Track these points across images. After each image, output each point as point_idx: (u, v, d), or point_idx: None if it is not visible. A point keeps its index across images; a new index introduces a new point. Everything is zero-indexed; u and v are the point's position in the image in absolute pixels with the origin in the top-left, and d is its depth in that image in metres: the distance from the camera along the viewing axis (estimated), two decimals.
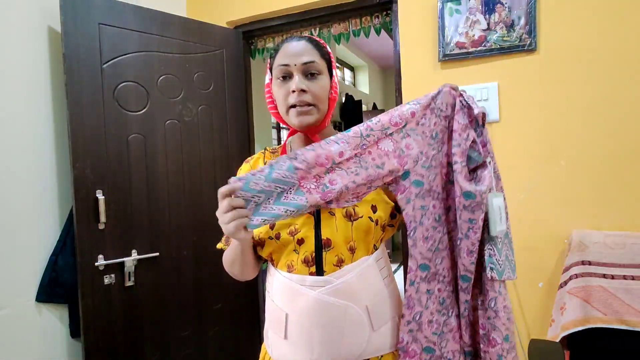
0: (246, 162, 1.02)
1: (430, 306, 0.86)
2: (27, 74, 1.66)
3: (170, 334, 1.94)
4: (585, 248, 1.48)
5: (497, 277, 0.83)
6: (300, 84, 0.86)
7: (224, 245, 1.00)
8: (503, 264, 0.84)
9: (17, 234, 1.61)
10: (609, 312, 1.38)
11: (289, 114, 0.88)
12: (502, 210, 0.85)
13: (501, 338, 0.84)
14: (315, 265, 0.86)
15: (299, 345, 0.86)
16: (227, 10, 2.26)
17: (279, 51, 0.90)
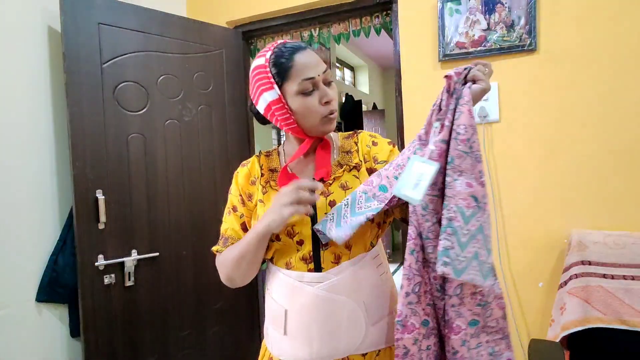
0: (242, 165, 1.02)
1: (425, 276, 0.82)
2: (27, 74, 1.66)
3: (170, 333, 1.94)
4: (585, 248, 1.48)
5: (454, 275, 0.73)
6: (331, 95, 0.89)
7: (222, 247, 0.98)
8: (466, 261, 0.74)
9: (17, 234, 1.61)
10: (608, 312, 1.38)
11: (322, 123, 0.89)
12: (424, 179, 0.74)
13: (466, 324, 0.80)
14: (313, 262, 0.88)
15: (299, 340, 0.87)
16: (227, 10, 2.26)
17: (293, 65, 0.86)
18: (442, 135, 0.77)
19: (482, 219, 0.75)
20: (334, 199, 0.89)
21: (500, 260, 1.72)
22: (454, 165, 0.76)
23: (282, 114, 0.88)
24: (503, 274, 1.71)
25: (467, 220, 0.75)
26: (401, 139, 1.91)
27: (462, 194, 0.75)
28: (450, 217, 0.75)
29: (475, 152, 0.76)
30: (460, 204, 0.74)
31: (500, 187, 1.72)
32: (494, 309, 0.80)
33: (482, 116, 1.72)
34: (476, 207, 0.75)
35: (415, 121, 1.86)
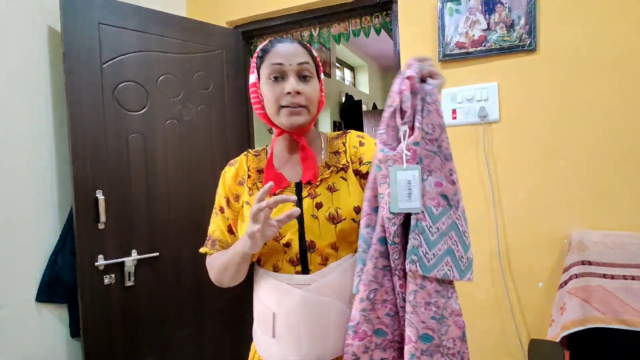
0: (230, 165, 1.02)
1: (386, 284, 0.81)
2: (27, 74, 1.66)
3: (169, 333, 1.94)
4: (585, 248, 1.48)
5: (422, 271, 0.74)
6: (296, 86, 0.86)
7: (210, 249, 1.00)
8: (436, 258, 0.74)
9: (17, 234, 1.61)
10: (608, 312, 1.38)
11: (279, 114, 0.88)
12: (414, 186, 0.75)
13: (416, 336, 0.76)
14: (300, 264, 0.88)
15: (287, 343, 0.87)
16: (227, 10, 2.26)
17: (270, 51, 0.89)
18: (414, 138, 0.76)
19: (454, 217, 0.76)
20: (320, 201, 0.89)
21: (500, 260, 1.72)
22: (423, 165, 0.76)
23: (254, 97, 0.92)
24: (503, 274, 1.71)
25: (436, 219, 0.75)
26: None
27: (431, 193, 0.75)
28: (419, 217, 0.75)
29: (444, 150, 0.76)
30: (429, 204, 0.75)
31: (500, 187, 1.72)
32: (451, 327, 0.76)
33: (482, 116, 1.72)
34: (446, 205, 0.76)
35: None
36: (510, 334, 1.72)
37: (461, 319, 0.77)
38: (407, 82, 0.77)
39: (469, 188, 1.78)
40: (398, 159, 0.77)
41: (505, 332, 1.73)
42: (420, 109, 0.77)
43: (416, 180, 0.75)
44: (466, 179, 1.78)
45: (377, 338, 0.81)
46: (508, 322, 1.72)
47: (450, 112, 1.79)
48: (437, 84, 0.77)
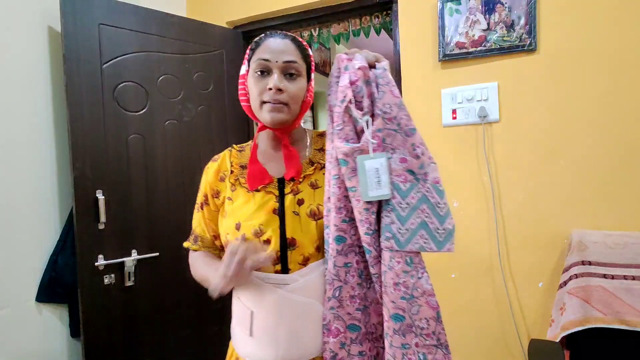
0: (213, 160, 1.02)
1: (350, 280, 0.82)
2: (27, 74, 1.66)
3: (170, 333, 1.94)
4: (585, 248, 1.48)
5: (397, 246, 0.75)
6: (279, 83, 0.85)
7: (193, 245, 1.02)
8: (410, 232, 0.75)
9: (17, 234, 1.61)
10: (609, 312, 1.38)
11: (261, 109, 0.88)
12: (382, 173, 0.77)
13: (388, 315, 0.78)
14: (280, 263, 0.87)
15: (265, 342, 0.87)
16: (227, 10, 2.26)
17: (261, 45, 0.88)
18: (377, 125, 0.78)
19: (423, 189, 0.77)
20: (302, 197, 0.89)
21: (500, 260, 1.72)
22: (386, 144, 0.77)
23: (242, 89, 0.92)
24: (503, 274, 1.71)
25: (405, 194, 0.76)
26: None
27: (397, 170, 0.77)
28: (389, 197, 0.77)
29: (404, 127, 0.77)
30: (396, 181, 0.76)
31: (500, 187, 1.72)
32: (423, 307, 0.76)
33: (482, 116, 1.72)
34: (414, 180, 0.77)
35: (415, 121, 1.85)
36: (510, 334, 1.71)
37: (434, 299, 0.77)
38: (360, 73, 0.79)
39: (469, 188, 1.78)
40: (364, 149, 0.78)
41: (505, 332, 1.73)
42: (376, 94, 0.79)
43: (384, 168, 0.76)
44: (466, 179, 1.78)
45: (351, 333, 0.83)
46: (508, 322, 1.72)
47: (450, 112, 1.79)
48: (385, 65, 0.79)
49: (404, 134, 0.77)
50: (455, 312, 1.81)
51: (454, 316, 1.82)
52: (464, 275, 1.80)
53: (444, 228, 0.76)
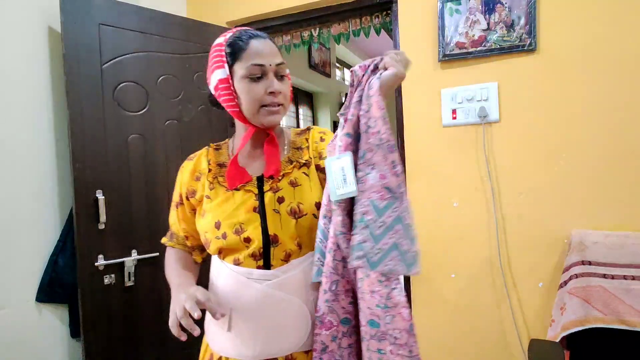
0: (189, 159, 1.02)
1: (347, 274, 0.82)
2: (27, 74, 1.66)
3: (170, 333, 1.94)
4: (585, 248, 1.48)
5: (369, 267, 0.74)
6: (278, 86, 0.87)
7: (169, 241, 1.05)
8: (382, 252, 0.73)
9: (17, 234, 1.61)
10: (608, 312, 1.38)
11: (259, 113, 0.88)
12: (347, 172, 0.76)
13: (365, 320, 0.78)
14: (262, 259, 0.88)
15: (243, 337, 0.87)
16: (227, 10, 2.26)
17: (246, 49, 0.86)
18: (347, 129, 0.78)
19: (399, 209, 0.74)
20: (282, 195, 0.90)
21: (501, 260, 1.72)
22: (366, 159, 0.76)
23: (227, 94, 0.88)
24: (503, 274, 1.71)
25: (381, 212, 0.74)
26: (401, 138, 1.91)
27: (375, 187, 0.75)
28: (363, 211, 0.75)
29: (385, 143, 0.75)
30: (373, 197, 0.75)
31: (500, 187, 1.72)
32: (396, 317, 0.76)
33: (482, 116, 1.72)
34: (391, 197, 0.74)
35: (415, 121, 1.86)
36: (510, 334, 1.71)
37: (407, 311, 0.76)
38: (351, 75, 0.79)
39: (469, 188, 1.78)
40: (332, 150, 0.80)
41: (505, 332, 1.73)
42: (357, 101, 0.77)
43: (349, 166, 0.76)
44: (466, 179, 1.78)
45: (343, 327, 0.83)
46: (508, 322, 1.72)
47: (450, 112, 1.79)
48: (388, 74, 0.75)
49: (386, 150, 0.75)
50: (455, 312, 1.81)
51: (454, 316, 1.82)
52: (464, 275, 1.80)
53: (414, 251, 0.74)
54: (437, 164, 1.83)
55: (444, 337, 1.84)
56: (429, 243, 1.86)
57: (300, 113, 4.22)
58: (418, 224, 2.01)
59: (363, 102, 0.76)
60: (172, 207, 1.03)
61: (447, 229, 1.82)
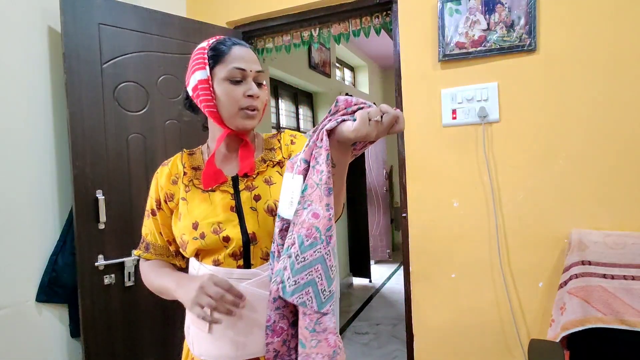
0: (163, 165, 1.02)
1: None
2: (27, 74, 1.66)
3: (170, 333, 1.94)
4: (585, 248, 1.48)
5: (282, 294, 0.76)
6: (257, 91, 0.90)
7: (144, 253, 1.02)
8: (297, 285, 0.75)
9: (17, 234, 1.61)
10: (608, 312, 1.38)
11: (237, 116, 0.90)
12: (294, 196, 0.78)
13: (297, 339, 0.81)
14: (242, 258, 0.88)
15: (224, 338, 0.87)
16: (227, 10, 2.26)
17: (229, 53, 0.90)
18: (305, 155, 0.77)
19: (323, 251, 0.75)
20: (258, 193, 0.91)
21: (501, 260, 1.72)
22: (306, 194, 0.76)
23: (205, 94, 0.90)
24: (503, 274, 1.72)
25: (305, 249, 0.75)
26: (401, 138, 1.91)
27: (306, 223, 0.75)
28: (290, 242, 0.76)
29: (324, 185, 0.74)
30: (302, 233, 0.75)
31: (500, 187, 1.72)
32: (321, 342, 0.76)
33: (482, 116, 1.72)
34: (317, 237, 0.75)
35: (415, 121, 1.86)
36: (510, 334, 1.72)
37: (334, 338, 0.76)
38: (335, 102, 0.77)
39: (469, 188, 1.78)
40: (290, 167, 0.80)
41: (505, 332, 1.73)
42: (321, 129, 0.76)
43: (297, 191, 0.77)
44: (466, 179, 1.78)
45: (292, 329, 0.84)
46: (508, 322, 1.72)
47: (450, 112, 1.79)
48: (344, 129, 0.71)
49: (323, 192, 0.74)
50: (455, 312, 1.81)
51: (453, 316, 1.82)
52: (464, 275, 1.80)
53: (330, 290, 0.76)
54: (437, 164, 1.83)
55: (444, 337, 1.84)
56: (429, 243, 1.86)
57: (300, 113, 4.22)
58: (418, 224, 2.01)
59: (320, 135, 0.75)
60: (145, 217, 1.02)
61: (447, 229, 1.82)
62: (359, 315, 3.72)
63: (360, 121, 0.68)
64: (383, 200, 5.42)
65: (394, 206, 5.90)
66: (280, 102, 3.84)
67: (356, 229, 4.72)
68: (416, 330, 1.89)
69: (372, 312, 3.79)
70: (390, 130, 0.70)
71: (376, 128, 0.68)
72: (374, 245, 5.32)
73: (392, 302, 4.04)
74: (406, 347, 1.96)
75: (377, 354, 2.94)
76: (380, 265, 5.47)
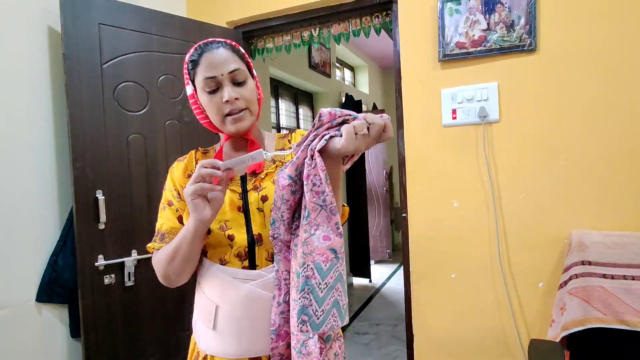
0: (179, 161, 1.03)
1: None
2: (27, 74, 1.66)
3: (170, 333, 1.94)
4: (585, 248, 1.48)
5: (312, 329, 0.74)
6: (233, 94, 0.87)
7: (159, 244, 0.97)
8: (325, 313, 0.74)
9: (17, 234, 1.61)
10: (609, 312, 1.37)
11: (225, 123, 0.90)
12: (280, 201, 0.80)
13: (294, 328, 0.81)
14: (248, 259, 0.89)
15: (228, 336, 0.88)
16: (227, 10, 2.26)
17: (200, 63, 0.89)
18: (290, 170, 0.76)
19: (340, 268, 0.75)
20: (266, 194, 0.91)
21: (501, 260, 1.72)
22: (310, 219, 0.75)
23: (195, 108, 0.93)
24: (503, 274, 1.71)
25: (325, 274, 0.75)
26: (401, 138, 1.91)
27: (319, 249, 0.74)
28: (307, 275, 0.74)
29: (329, 205, 0.74)
30: (317, 260, 0.74)
31: (500, 187, 1.72)
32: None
33: (482, 116, 1.72)
34: (334, 258, 0.75)
35: (415, 121, 1.86)
36: (510, 334, 1.72)
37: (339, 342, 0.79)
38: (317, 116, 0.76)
39: (469, 188, 1.78)
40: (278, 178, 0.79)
41: (505, 332, 1.73)
42: (309, 144, 0.74)
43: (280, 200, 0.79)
44: (466, 179, 1.78)
45: None
46: (508, 322, 1.72)
47: (450, 112, 1.79)
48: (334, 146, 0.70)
49: (329, 212, 0.74)
50: (455, 312, 1.81)
51: (454, 316, 1.82)
52: (464, 276, 1.80)
53: (345, 303, 0.77)
54: (437, 164, 1.83)
55: (444, 337, 1.84)
56: (429, 243, 1.86)
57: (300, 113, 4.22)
58: (418, 224, 2.01)
59: (309, 154, 0.73)
60: (161, 210, 1.00)
61: (447, 229, 1.82)
62: (359, 315, 3.72)
63: (347, 137, 0.67)
64: (383, 201, 5.42)
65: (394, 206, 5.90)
66: (280, 102, 3.84)
67: (356, 229, 4.73)
68: (416, 331, 1.89)
69: (372, 312, 3.79)
70: (378, 140, 0.69)
71: (364, 141, 0.68)
72: (374, 246, 5.32)
73: (392, 302, 4.04)
74: (406, 347, 1.96)
75: (377, 354, 2.94)
76: (380, 265, 5.47)
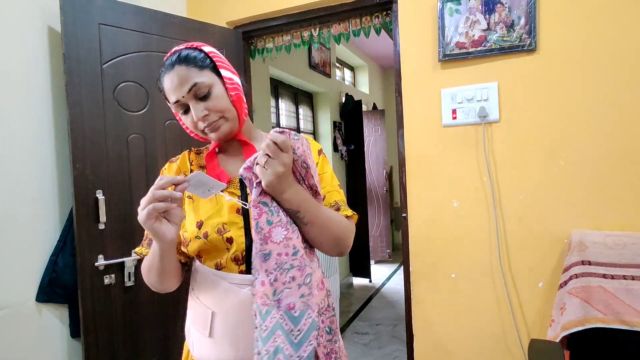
0: (171, 162, 1.02)
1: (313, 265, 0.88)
2: (27, 74, 1.66)
3: (170, 334, 1.94)
4: (585, 248, 1.48)
5: None
6: (199, 112, 0.88)
7: (145, 248, 0.99)
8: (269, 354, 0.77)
9: (17, 234, 1.61)
10: (609, 312, 1.38)
11: (206, 134, 0.92)
12: None
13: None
14: (245, 264, 0.87)
15: (224, 343, 0.86)
16: (227, 10, 2.26)
17: (163, 89, 0.92)
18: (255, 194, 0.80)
19: (277, 316, 0.78)
20: None
21: (501, 260, 1.72)
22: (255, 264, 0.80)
23: (182, 123, 0.96)
24: (503, 274, 1.71)
25: (264, 317, 0.78)
26: (401, 138, 1.91)
27: (259, 292, 0.79)
28: (254, 313, 0.79)
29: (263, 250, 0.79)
30: (258, 302, 0.79)
31: (500, 187, 1.72)
32: None
33: (482, 116, 1.72)
34: (269, 304, 0.78)
35: (415, 121, 1.86)
36: (510, 334, 1.72)
37: None
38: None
39: (469, 188, 1.78)
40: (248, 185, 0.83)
41: (505, 332, 1.73)
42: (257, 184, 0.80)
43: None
44: (466, 179, 1.78)
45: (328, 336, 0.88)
46: (508, 322, 1.72)
47: (450, 112, 1.79)
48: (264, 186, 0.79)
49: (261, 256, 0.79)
50: (455, 312, 1.81)
51: (454, 316, 1.82)
52: (464, 275, 1.80)
53: (299, 356, 0.76)
54: (437, 164, 1.83)
55: (444, 337, 1.84)
56: (429, 243, 1.86)
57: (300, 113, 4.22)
58: (418, 223, 2.00)
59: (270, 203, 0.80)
60: None
61: (447, 229, 1.82)
62: (359, 315, 3.72)
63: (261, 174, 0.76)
64: (383, 201, 5.42)
65: (394, 206, 5.90)
66: (280, 102, 3.84)
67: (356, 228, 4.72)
68: (416, 331, 1.89)
69: (372, 312, 3.79)
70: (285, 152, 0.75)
71: (273, 166, 0.75)
72: (374, 245, 5.32)
73: (392, 302, 4.04)
74: (406, 347, 1.96)
75: (378, 354, 2.94)
76: (380, 265, 5.47)
